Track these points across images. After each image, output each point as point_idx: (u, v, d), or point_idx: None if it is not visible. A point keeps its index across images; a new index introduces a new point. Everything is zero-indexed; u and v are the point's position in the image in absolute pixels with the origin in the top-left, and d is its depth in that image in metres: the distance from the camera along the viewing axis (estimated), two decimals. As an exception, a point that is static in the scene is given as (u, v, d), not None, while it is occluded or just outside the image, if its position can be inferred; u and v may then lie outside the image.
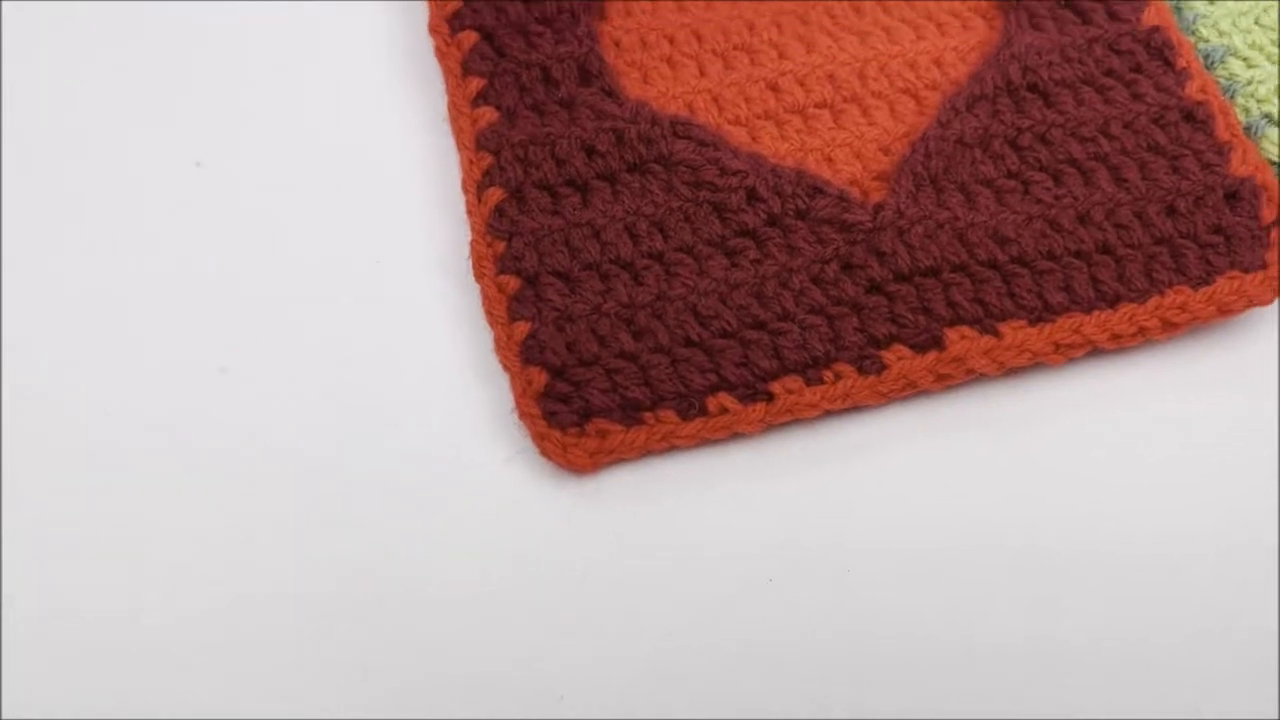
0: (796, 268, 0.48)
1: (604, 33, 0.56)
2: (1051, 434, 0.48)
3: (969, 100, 0.52)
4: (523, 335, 0.47)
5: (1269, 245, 0.49)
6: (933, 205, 0.49)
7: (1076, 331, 0.47)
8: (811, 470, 0.47)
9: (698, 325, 0.47)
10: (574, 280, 0.48)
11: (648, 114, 0.51)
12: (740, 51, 0.56)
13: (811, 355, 0.46)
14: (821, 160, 0.52)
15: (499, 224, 0.49)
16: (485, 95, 0.52)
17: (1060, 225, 0.49)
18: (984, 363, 0.47)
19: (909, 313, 0.47)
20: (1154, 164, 0.51)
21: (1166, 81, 0.53)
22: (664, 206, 0.49)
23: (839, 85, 0.54)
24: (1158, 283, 0.48)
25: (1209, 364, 0.49)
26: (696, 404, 0.46)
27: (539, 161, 0.50)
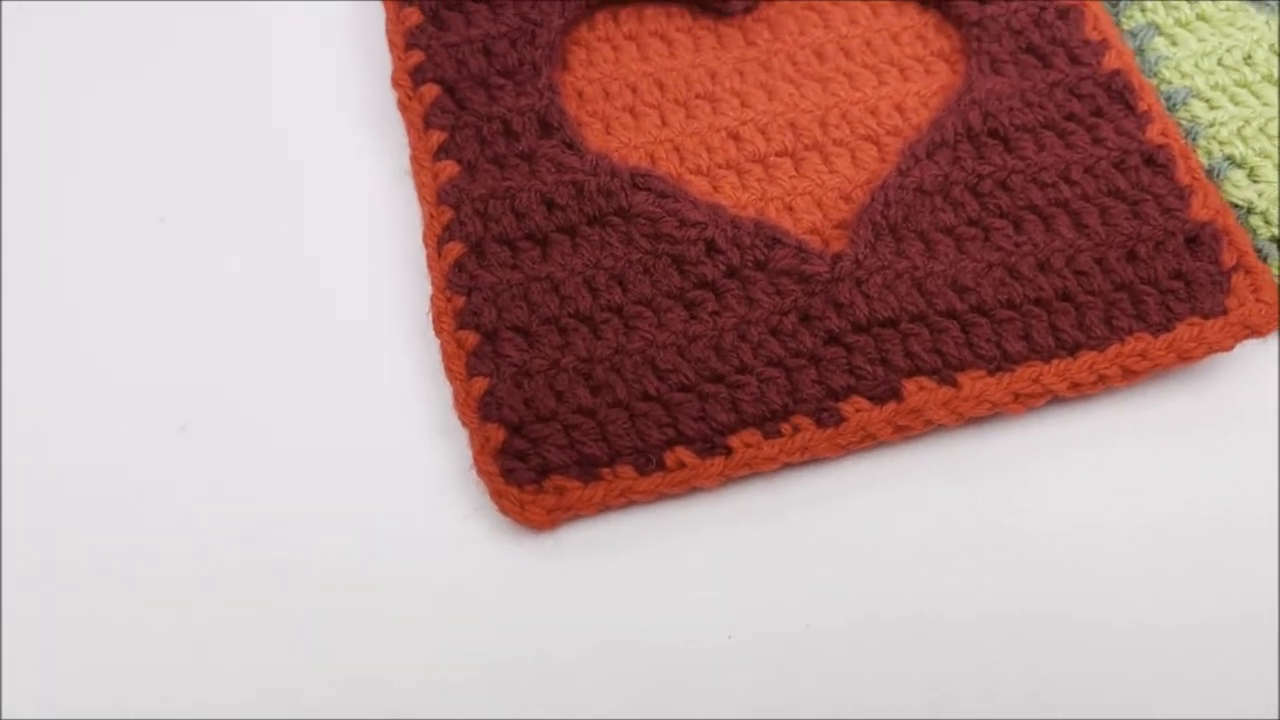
0: (755, 319, 0.48)
1: (567, 83, 0.56)
2: (1012, 482, 0.47)
3: (929, 147, 0.52)
4: (480, 391, 0.47)
5: (1229, 291, 0.48)
6: (891, 254, 0.49)
7: (1036, 381, 0.47)
8: (771, 523, 0.46)
9: (655, 379, 0.47)
10: (532, 335, 0.48)
11: (607, 166, 0.51)
12: (703, 100, 0.56)
13: (769, 408, 0.46)
14: (782, 209, 0.52)
15: (458, 279, 0.49)
16: (446, 149, 0.53)
17: (1020, 273, 0.49)
18: (942, 414, 0.46)
19: (867, 364, 0.47)
20: (1114, 209, 0.51)
21: (1128, 125, 0.53)
22: (623, 259, 0.49)
23: (800, 133, 0.55)
24: (1118, 330, 0.48)
25: (1169, 409, 0.49)
26: (654, 459, 0.46)
27: (498, 215, 0.50)
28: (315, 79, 0.58)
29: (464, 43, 0.55)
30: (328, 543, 0.46)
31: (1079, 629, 0.45)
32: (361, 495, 0.47)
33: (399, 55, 0.55)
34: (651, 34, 0.58)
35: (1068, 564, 0.46)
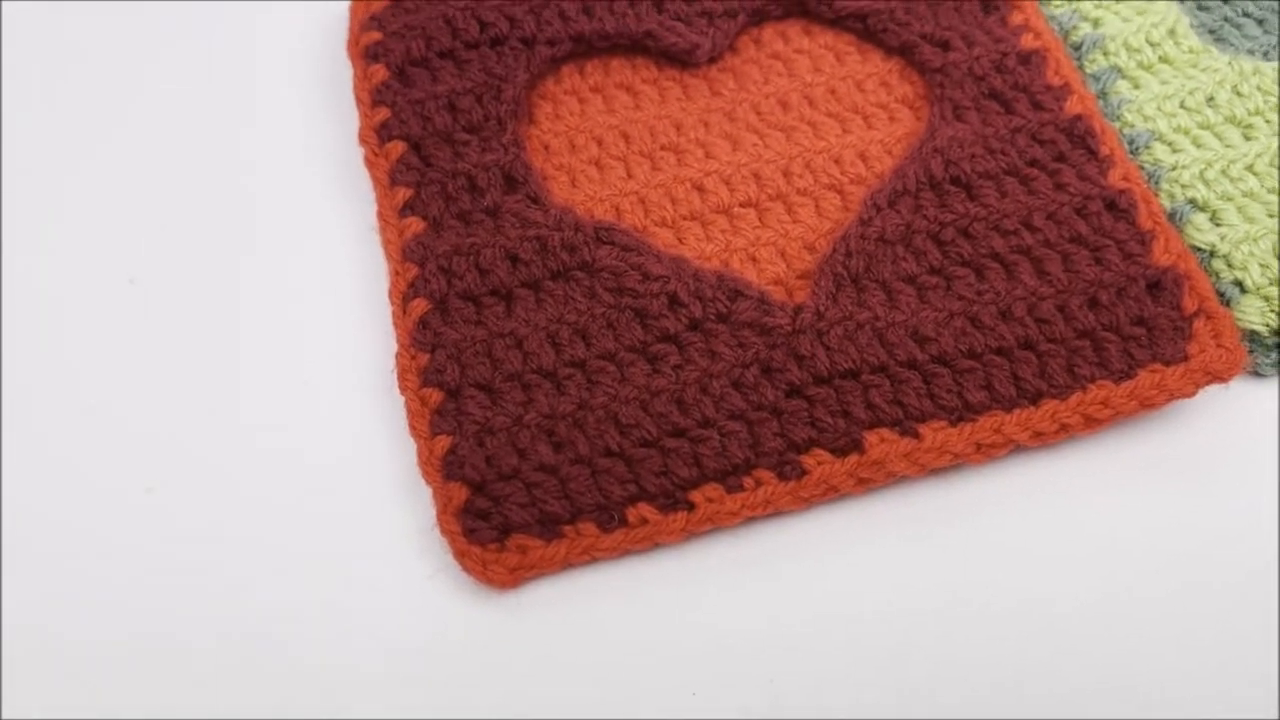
0: (717, 373, 0.48)
1: (533, 136, 0.57)
2: (976, 532, 0.47)
3: (891, 196, 0.52)
4: (443, 450, 0.47)
5: (1190, 336, 0.49)
6: (853, 305, 0.49)
7: (998, 431, 0.47)
8: (734, 577, 0.46)
9: (618, 434, 0.47)
10: (495, 392, 0.48)
11: (572, 221, 0.52)
12: (667, 151, 0.56)
13: (731, 462, 0.46)
14: (746, 260, 0.53)
15: (422, 336, 0.49)
16: (412, 205, 0.53)
17: (981, 322, 0.49)
18: (904, 465, 0.46)
19: (828, 416, 0.47)
20: (1076, 255, 0.51)
21: (1089, 170, 0.54)
22: (586, 313, 0.50)
23: (764, 183, 0.55)
24: (1080, 378, 0.48)
25: (1135, 454, 0.49)
26: (617, 515, 0.46)
27: (462, 272, 0.51)
28: (284, 135, 0.58)
29: (429, 99, 0.55)
30: (293, 602, 0.46)
31: (1051, 676, 0.44)
32: (327, 555, 0.47)
33: (365, 112, 0.56)
34: (617, 86, 0.59)
35: (1036, 613, 0.46)
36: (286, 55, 0.61)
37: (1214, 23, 0.62)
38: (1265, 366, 0.51)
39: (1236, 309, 0.51)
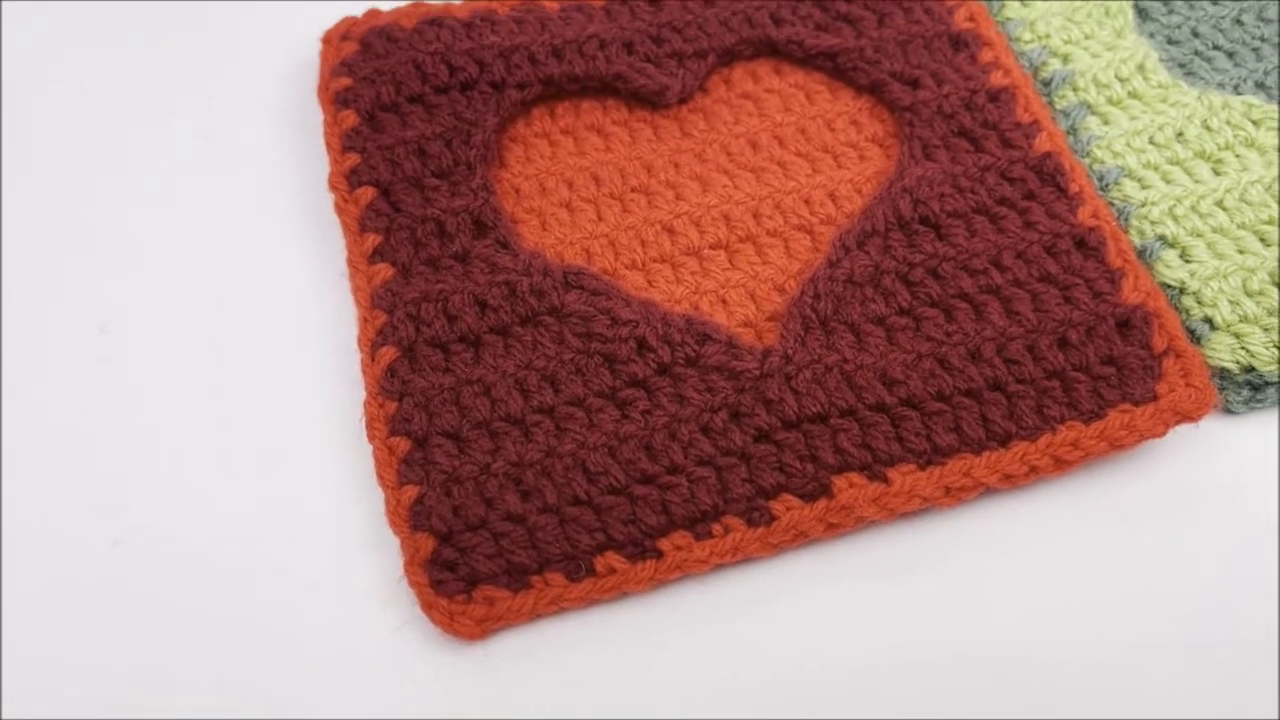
0: (685, 418, 0.48)
1: (504, 180, 0.57)
2: (947, 576, 0.47)
3: (860, 237, 0.52)
4: (410, 500, 0.47)
5: (1160, 376, 0.48)
6: (821, 348, 0.49)
7: (967, 474, 0.47)
8: (703, 624, 0.46)
9: (586, 482, 0.46)
10: (463, 440, 0.48)
11: (541, 265, 0.52)
12: (638, 194, 0.56)
13: (700, 509, 0.46)
14: (716, 302, 0.53)
15: (390, 384, 0.49)
16: (381, 251, 0.53)
17: (950, 363, 0.49)
18: (873, 510, 0.46)
19: (796, 461, 0.47)
20: (1046, 294, 0.51)
21: (1059, 208, 0.54)
22: (555, 359, 0.49)
23: (733, 225, 0.55)
24: (1049, 419, 0.48)
25: (1103, 496, 0.49)
26: (584, 565, 0.45)
27: (430, 319, 0.50)
28: (256, 181, 0.58)
29: (398, 144, 0.55)
30: (261, 653, 0.46)
31: None
32: (296, 606, 0.47)
33: (335, 158, 0.56)
34: (588, 128, 0.59)
35: (1008, 657, 0.45)
36: (257, 99, 0.61)
37: (1184, 56, 0.62)
38: (1236, 404, 0.51)
39: (1207, 346, 0.51)
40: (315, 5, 0.61)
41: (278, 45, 0.62)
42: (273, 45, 0.62)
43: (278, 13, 0.64)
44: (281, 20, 0.63)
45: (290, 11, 0.63)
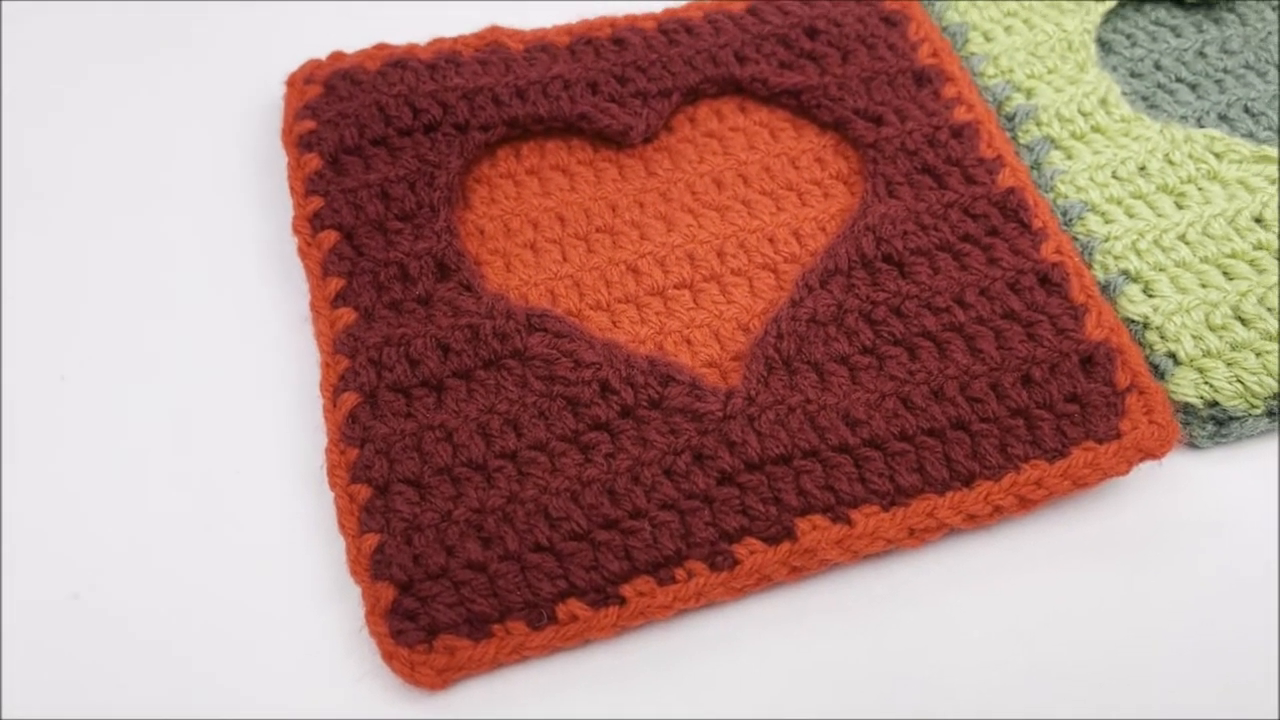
0: (648, 460, 0.47)
1: (468, 221, 0.57)
2: (912, 617, 0.47)
3: (823, 276, 0.52)
4: (371, 548, 0.46)
5: (1123, 413, 0.48)
6: (784, 388, 0.49)
7: (931, 515, 0.46)
8: (667, 670, 0.46)
9: (548, 528, 0.46)
10: (424, 487, 0.47)
11: (504, 308, 0.51)
12: (602, 233, 0.56)
13: (663, 554, 0.46)
14: (681, 342, 0.53)
15: (351, 431, 0.49)
16: (344, 295, 0.53)
17: (913, 402, 0.49)
18: (836, 553, 0.46)
19: (760, 504, 0.46)
20: (1009, 332, 0.51)
21: (1022, 244, 0.54)
22: (518, 403, 0.49)
23: (698, 264, 0.55)
24: (1013, 458, 0.47)
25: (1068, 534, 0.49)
26: (546, 612, 0.45)
27: (393, 363, 0.50)
28: (220, 225, 0.58)
29: (362, 187, 0.55)
30: (222, 705, 0.45)
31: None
32: (257, 657, 0.46)
33: (299, 201, 0.56)
34: (553, 168, 0.59)
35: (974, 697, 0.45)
36: (222, 142, 0.61)
37: (1147, 89, 0.62)
38: (1201, 439, 0.51)
39: (1170, 382, 0.51)
40: (280, 48, 0.61)
41: (242, 88, 0.62)
42: (237, 88, 0.62)
43: (242, 55, 0.64)
44: (245, 63, 0.63)
45: (254, 54, 0.63)
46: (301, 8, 0.67)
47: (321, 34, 0.62)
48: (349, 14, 0.66)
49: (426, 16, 0.64)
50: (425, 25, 0.63)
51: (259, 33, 0.65)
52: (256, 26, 0.66)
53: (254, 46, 0.64)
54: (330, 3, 0.67)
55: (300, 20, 0.66)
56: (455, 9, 0.65)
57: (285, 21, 0.66)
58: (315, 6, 0.67)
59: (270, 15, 0.67)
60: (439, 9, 0.65)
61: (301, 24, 0.65)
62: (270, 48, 0.62)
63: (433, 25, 0.63)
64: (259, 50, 0.63)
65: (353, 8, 0.67)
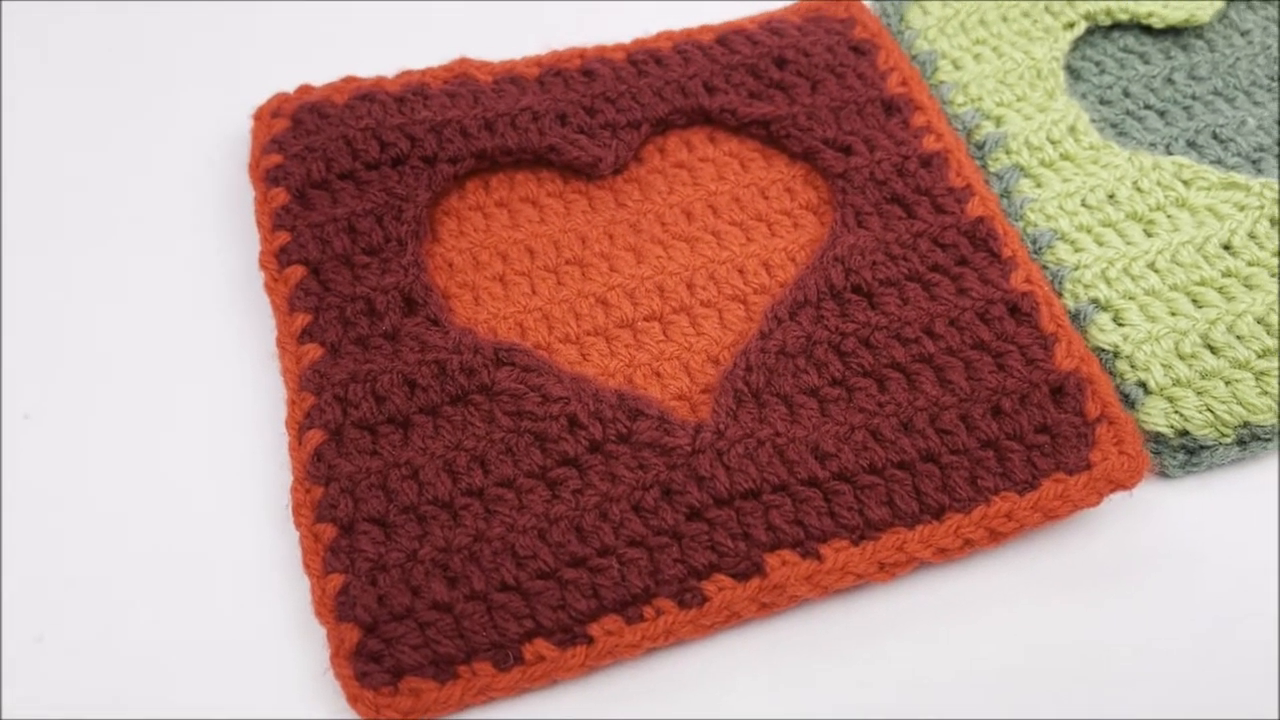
0: (617, 496, 0.47)
1: (437, 254, 0.56)
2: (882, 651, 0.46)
3: (792, 307, 0.52)
4: (336, 589, 0.46)
5: (1093, 443, 0.48)
6: (753, 422, 0.49)
7: (900, 549, 0.46)
8: (637, 709, 0.45)
9: (514, 567, 0.46)
10: (390, 525, 0.47)
11: (471, 342, 0.51)
12: (573, 265, 0.56)
13: (631, 592, 0.45)
14: (650, 375, 0.52)
15: (316, 469, 0.48)
16: (311, 331, 0.52)
17: (883, 435, 0.48)
18: (806, 588, 0.46)
19: (729, 539, 0.46)
20: (979, 362, 0.51)
21: (992, 273, 0.54)
22: (485, 439, 0.49)
23: (668, 296, 0.55)
24: (983, 490, 0.47)
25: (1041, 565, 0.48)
26: (513, 653, 0.44)
27: (358, 400, 0.50)
28: (187, 261, 0.58)
29: (329, 222, 0.55)
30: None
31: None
32: (222, 700, 0.46)
33: (266, 236, 0.55)
34: (523, 200, 0.58)
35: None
36: (189, 176, 0.60)
37: (1116, 116, 0.63)
38: (1172, 468, 0.50)
39: (1141, 411, 0.51)
40: (248, 80, 0.60)
41: (209, 121, 0.62)
42: (204, 121, 0.62)
43: (210, 88, 0.64)
44: (213, 95, 0.63)
45: (222, 87, 0.63)
46: (270, 40, 0.67)
47: (290, 66, 0.62)
48: (318, 46, 0.66)
49: (396, 48, 0.64)
50: (395, 57, 0.62)
51: (227, 65, 0.65)
52: (224, 59, 0.66)
53: (222, 79, 0.64)
54: (299, 35, 0.67)
55: (268, 53, 0.66)
56: (426, 39, 0.65)
57: (253, 54, 0.66)
58: (284, 39, 0.67)
59: (238, 48, 0.66)
60: (409, 40, 0.65)
61: (270, 56, 0.65)
62: (238, 80, 0.62)
63: (402, 57, 0.62)
64: (227, 83, 0.63)
65: (322, 40, 0.67)
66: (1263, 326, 0.52)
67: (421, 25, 0.68)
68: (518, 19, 0.68)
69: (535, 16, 0.68)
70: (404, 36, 0.66)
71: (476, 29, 0.67)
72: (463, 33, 0.66)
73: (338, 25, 0.68)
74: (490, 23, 0.68)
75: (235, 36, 0.67)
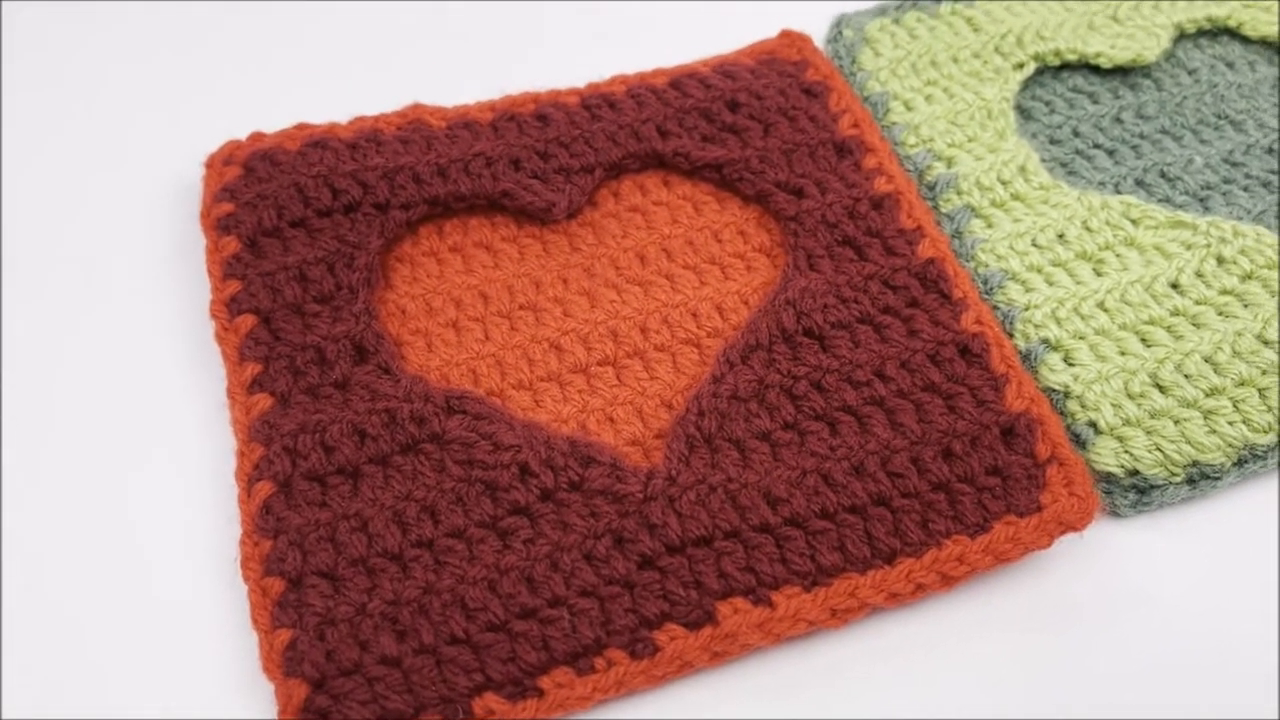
0: (568, 545, 0.47)
1: (390, 301, 0.56)
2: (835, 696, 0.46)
3: (744, 351, 0.52)
4: (284, 644, 0.45)
5: (1043, 485, 0.48)
6: (705, 467, 0.48)
7: (852, 595, 0.46)
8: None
9: (464, 619, 0.45)
10: (339, 579, 0.46)
11: (422, 391, 0.51)
12: (526, 311, 0.56)
13: (582, 643, 0.45)
14: (603, 420, 0.52)
15: (265, 522, 0.48)
16: (260, 381, 0.52)
17: (834, 479, 0.48)
18: (758, 636, 0.45)
19: (680, 588, 0.46)
20: (930, 404, 0.51)
21: (943, 315, 0.54)
22: (435, 489, 0.48)
23: (621, 341, 0.54)
24: (934, 533, 0.47)
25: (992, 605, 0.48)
26: (462, 708, 0.44)
27: (307, 451, 0.49)
28: (138, 310, 0.57)
29: (280, 270, 0.55)
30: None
31: None
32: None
33: (217, 285, 0.55)
34: (476, 245, 0.58)
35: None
36: (140, 225, 0.60)
37: (1066, 156, 0.63)
38: (1124, 508, 0.51)
39: (1092, 451, 0.51)
40: (200, 128, 0.60)
41: (161, 169, 0.61)
42: (157, 168, 0.62)
43: (162, 135, 0.64)
44: (166, 143, 0.62)
45: (175, 134, 0.63)
46: (223, 87, 0.67)
47: (243, 113, 0.62)
48: (271, 92, 0.66)
49: (351, 94, 0.64)
50: (349, 103, 0.62)
51: (179, 112, 0.65)
52: (177, 106, 0.65)
53: (174, 126, 0.64)
54: (252, 82, 0.67)
55: (221, 99, 0.66)
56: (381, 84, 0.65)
57: (206, 101, 0.66)
58: (237, 85, 0.67)
59: (191, 94, 0.66)
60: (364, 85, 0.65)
61: (223, 103, 0.65)
62: (191, 127, 0.62)
63: (357, 102, 0.62)
64: (179, 130, 0.63)
65: (275, 86, 0.67)
66: (1210, 365, 0.52)
67: (376, 70, 0.68)
68: (473, 63, 0.68)
69: (490, 60, 0.68)
70: (358, 82, 0.66)
71: (431, 73, 0.67)
72: (418, 77, 0.66)
73: (292, 71, 0.68)
74: (445, 67, 0.68)
75: (188, 83, 0.67)
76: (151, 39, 0.69)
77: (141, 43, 0.69)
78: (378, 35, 0.70)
